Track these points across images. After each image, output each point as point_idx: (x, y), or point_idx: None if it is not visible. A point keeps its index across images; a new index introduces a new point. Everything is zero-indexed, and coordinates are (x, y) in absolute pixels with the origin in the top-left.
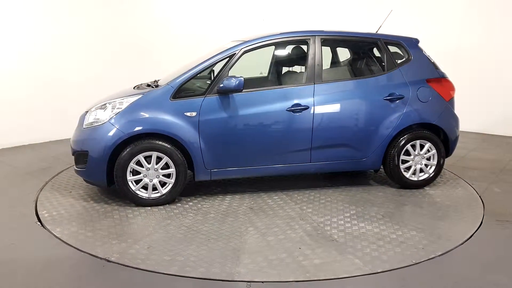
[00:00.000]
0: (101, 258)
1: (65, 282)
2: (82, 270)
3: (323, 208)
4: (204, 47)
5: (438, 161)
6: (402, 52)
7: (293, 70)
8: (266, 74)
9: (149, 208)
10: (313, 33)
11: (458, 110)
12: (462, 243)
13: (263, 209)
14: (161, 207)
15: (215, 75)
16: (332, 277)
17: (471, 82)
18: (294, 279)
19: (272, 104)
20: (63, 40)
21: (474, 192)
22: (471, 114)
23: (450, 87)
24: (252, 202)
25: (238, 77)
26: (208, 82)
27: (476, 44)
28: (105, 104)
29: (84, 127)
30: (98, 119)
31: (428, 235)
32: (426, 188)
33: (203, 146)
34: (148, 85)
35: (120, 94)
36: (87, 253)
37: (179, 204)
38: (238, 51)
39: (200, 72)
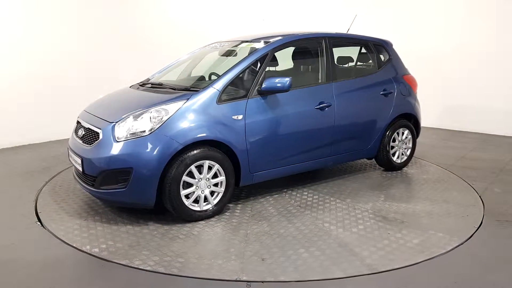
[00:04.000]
0: (233, 281)
1: (65, 282)
2: (82, 270)
3: (355, 196)
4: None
5: (413, 144)
6: (383, 52)
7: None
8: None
9: (203, 222)
10: (325, 35)
11: (458, 110)
12: (462, 243)
13: (310, 205)
14: (214, 219)
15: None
16: (443, 252)
17: (472, 82)
18: (423, 259)
19: (305, 103)
20: (63, 40)
21: (474, 192)
22: (471, 114)
23: (415, 82)
24: (292, 201)
25: (286, 77)
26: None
27: (474, 44)
28: (137, 112)
29: (117, 140)
30: (137, 129)
31: (456, 205)
32: (405, 168)
33: (249, 149)
34: (141, 85)
35: (121, 95)
36: (205, 278)
37: (228, 214)
38: (269, 51)
39: (240, 74)
